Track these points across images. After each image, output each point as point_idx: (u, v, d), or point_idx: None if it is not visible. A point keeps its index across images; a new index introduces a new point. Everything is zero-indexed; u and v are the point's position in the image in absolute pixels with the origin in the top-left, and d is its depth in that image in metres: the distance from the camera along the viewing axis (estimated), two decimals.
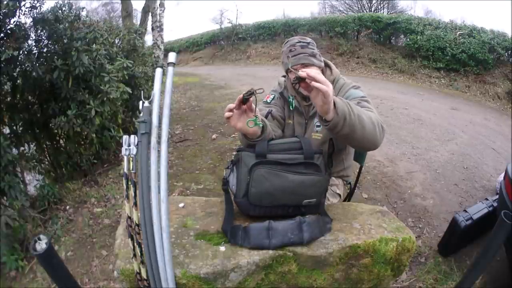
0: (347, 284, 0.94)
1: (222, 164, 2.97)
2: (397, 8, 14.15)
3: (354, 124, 0.86)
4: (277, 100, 1.30)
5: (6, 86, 2.34)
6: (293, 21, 10.94)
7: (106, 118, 2.61)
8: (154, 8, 6.41)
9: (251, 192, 0.89)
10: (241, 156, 0.93)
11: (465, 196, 2.52)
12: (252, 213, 0.94)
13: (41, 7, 2.30)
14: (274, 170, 0.88)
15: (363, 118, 0.89)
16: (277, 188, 0.88)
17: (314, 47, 1.21)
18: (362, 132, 0.88)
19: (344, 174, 1.40)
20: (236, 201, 0.95)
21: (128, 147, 0.78)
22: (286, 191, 0.89)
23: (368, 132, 0.90)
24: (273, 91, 1.34)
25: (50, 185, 2.47)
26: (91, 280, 1.83)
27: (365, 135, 0.90)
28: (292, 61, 1.16)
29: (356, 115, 0.86)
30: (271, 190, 0.88)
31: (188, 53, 14.02)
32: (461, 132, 3.96)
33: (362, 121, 0.88)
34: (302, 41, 1.19)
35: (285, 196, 0.90)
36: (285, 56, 1.21)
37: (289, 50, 1.18)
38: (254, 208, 0.93)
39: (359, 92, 1.14)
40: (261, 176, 0.88)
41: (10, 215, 1.91)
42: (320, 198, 0.96)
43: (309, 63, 1.16)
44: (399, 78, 7.67)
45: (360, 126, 0.87)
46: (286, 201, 0.91)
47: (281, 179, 0.88)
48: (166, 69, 0.86)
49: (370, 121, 0.91)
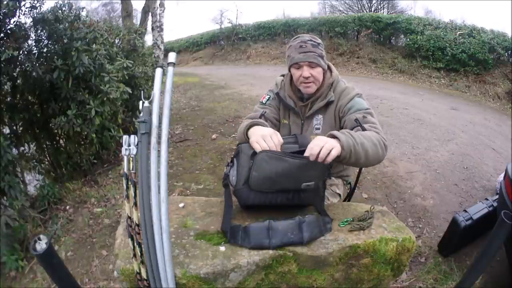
0: (347, 284, 0.94)
1: (222, 164, 2.97)
2: (397, 8, 14.16)
3: (359, 152, 0.93)
4: (272, 101, 1.31)
5: (6, 86, 2.34)
6: (293, 21, 10.95)
7: (106, 118, 2.61)
8: (154, 8, 6.42)
9: (252, 176, 0.90)
10: (241, 148, 0.96)
11: (465, 196, 2.52)
12: (252, 201, 0.94)
13: (41, 7, 2.31)
14: (275, 154, 0.90)
15: (366, 145, 0.95)
16: (278, 171, 0.89)
17: (323, 49, 1.21)
18: (366, 156, 0.96)
19: (344, 174, 1.40)
20: (236, 189, 0.95)
21: (128, 147, 0.78)
22: (286, 174, 0.89)
23: (372, 155, 0.97)
24: (269, 91, 1.34)
25: (50, 185, 2.47)
26: (91, 280, 1.83)
27: (369, 158, 0.97)
28: (301, 57, 1.16)
29: (359, 144, 0.93)
30: (273, 174, 0.89)
31: (188, 53, 14.02)
32: (461, 132, 3.96)
33: (365, 147, 0.95)
34: (313, 40, 1.19)
35: (284, 180, 0.90)
36: (293, 50, 1.19)
37: (300, 45, 1.17)
38: (254, 196, 0.93)
39: (363, 103, 1.15)
40: (262, 160, 0.89)
41: (10, 215, 1.91)
42: (318, 182, 0.96)
43: (317, 63, 1.16)
44: (399, 78, 7.67)
45: (364, 153, 0.95)
46: (286, 185, 0.92)
47: (282, 163, 0.88)
48: (166, 69, 0.86)
49: (372, 144, 0.97)
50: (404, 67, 7.86)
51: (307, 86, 1.19)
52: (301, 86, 1.21)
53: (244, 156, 0.95)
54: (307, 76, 1.16)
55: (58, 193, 2.49)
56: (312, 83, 1.19)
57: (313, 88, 1.20)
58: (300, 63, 1.17)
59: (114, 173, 2.92)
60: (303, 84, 1.19)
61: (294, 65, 1.19)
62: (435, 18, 9.05)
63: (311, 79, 1.17)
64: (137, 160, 0.77)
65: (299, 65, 1.18)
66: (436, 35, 7.47)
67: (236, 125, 3.92)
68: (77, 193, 2.60)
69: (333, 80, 1.24)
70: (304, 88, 1.21)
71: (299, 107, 1.27)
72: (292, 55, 1.19)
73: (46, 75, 2.28)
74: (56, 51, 2.39)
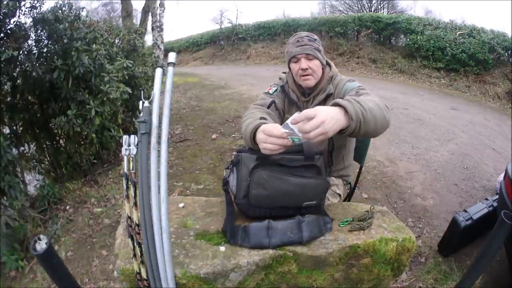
0: (347, 284, 0.94)
1: (222, 164, 2.97)
2: (397, 8, 14.15)
3: (368, 121, 0.83)
4: (279, 93, 1.31)
5: (6, 86, 2.34)
6: (293, 21, 10.95)
7: (106, 118, 2.61)
8: (154, 8, 6.42)
9: (251, 194, 0.89)
10: (241, 158, 0.92)
11: (465, 196, 2.51)
12: (252, 213, 0.94)
13: (41, 7, 2.31)
14: (275, 173, 0.87)
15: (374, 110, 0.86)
16: (278, 191, 0.88)
17: (320, 44, 1.22)
18: (375, 123, 0.86)
19: (344, 174, 1.40)
20: (236, 202, 0.95)
21: (128, 147, 0.78)
22: (286, 194, 0.89)
23: (380, 121, 0.88)
24: (275, 84, 1.35)
25: (50, 185, 2.47)
26: (91, 280, 1.83)
27: (378, 125, 0.87)
28: (298, 50, 1.17)
29: (368, 110, 0.83)
30: (272, 193, 0.88)
31: (188, 53, 14.02)
32: (461, 132, 3.96)
33: (374, 113, 0.85)
34: (310, 36, 1.21)
35: (285, 199, 0.90)
36: (291, 45, 1.21)
37: (297, 40, 1.19)
38: (254, 209, 0.93)
39: (355, 83, 1.15)
40: (261, 179, 0.87)
41: (10, 215, 1.91)
42: (320, 200, 0.96)
43: (314, 55, 1.17)
44: (399, 78, 7.67)
45: (373, 120, 0.85)
46: (286, 203, 0.91)
47: (282, 182, 0.87)
48: (166, 69, 0.86)
49: (378, 108, 0.88)
50: (404, 67, 7.85)
51: (306, 79, 1.20)
52: (300, 80, 1.21)
53: (244, 169, 0.91)
54: (305, 67, 1.17)
55: (58, 193, 2.48)
56: (310, 75, 1.19)
57: (312, 81, 1.20)
58: (297, 56, 1.18)
59: (114, 173, 2.92)
60: (302, 77, 1.19)
61: (292, 59, 1.21)
62: (435, 18, 9.04)
63: (310, 71, 1.18)
64: (137, 160, 0.77)
65: (297, 58, 1.19)
66: (436, 35, 7.46)
67: (236, 125, 3.92)
68: (77, 193, 2.60)
69: (332, 74, 1.25)
70: (304, 81, 1.21)
71: (302, 102, 1.28)
72: (290, 50, 1.21)
73: (46, 75, 2.28)
74: (56, 51, 2.38)
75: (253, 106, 1.21)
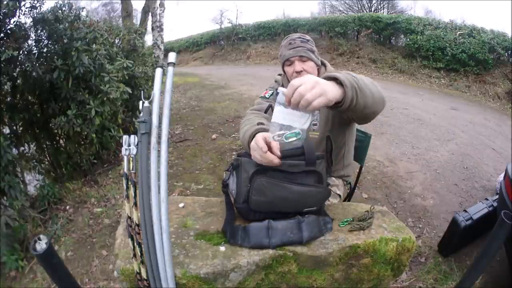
0: (347, 284, 0.94)
1: (222, 164, 2.97)
2: (397, 8, 14.15)
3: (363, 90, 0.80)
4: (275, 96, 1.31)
5: (6, 86, 2.34)
6: (293, 21, 10.96)
7: (106, 118, 2.61)
8: (154, 8, 6.42)
9: (251, 200, 0.88)
10: (241, 162, 0.91)
11: (465, 196, 2.52)
12: (252, 217, 0.93)
13: (41, 7, 2.31)
14: (275, 181, 0.86)
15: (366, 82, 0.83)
16: (278, 198, 0.87)
17: (313, 45, 1.22)
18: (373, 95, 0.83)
19: (344, 174, 1.40)
20: (236, 206, 0.94)
21: (128, 147, 0.78)
22: (286, 201, 0.88)
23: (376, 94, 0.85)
24: (271, 88, 1.34)
25: (50, 185, 2.47)
26: (91, 280, 1.83)
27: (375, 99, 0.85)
28: (291, 53, 1.17)
29: (360, 80, 0.81)
30: (272, 200, 0.87)
31: (188, 53, 14.02)
32: (461, 132, 3.96)
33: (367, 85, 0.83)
34: (302, 37, 1.21)
35: (285, 205, 0.90)
36: (284, 48, 1.21)
37: (289, 43, 1.19)
38: (254, 214, 0.93)
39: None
40: (261, 186, 0.86)
41: (10, 215, 1.91)
42: (320, 206, 0.96)
43: (308, 57, 1.17)
44: (399, 78, 7.68)
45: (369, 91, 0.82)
46: (286, 209, 0.91)
47: (282, 190, 0.87)
48: (166, 69, 0.86)
49: (370, 83, 0.86)
50: (404, 67, 7.86)
51: None
52: None
53: (244, 174, 0.90)
54: (299, 70, 1.16)
55: (58, 193, 2.49)
56: None
57: None
58: (291, 59, 1.18)
59: (114, 173, 2.92)
60: None
61: (286, 62, 1.20)
62: (435, 18, 9.05)
63: (304, 73, 1.17)
64: (137, 160, 0.77)
65: (290, 61, 1.19)
66: (436, 35, 7.47)
67: (236, 125, 3.92)
68: (77, 193, 2.60)
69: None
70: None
71: None
72: (283, 53, 1.21)
73: (46, 75, 2.28)
74: (56, 51, 2.38)
75: (250, 112, 1.21)
